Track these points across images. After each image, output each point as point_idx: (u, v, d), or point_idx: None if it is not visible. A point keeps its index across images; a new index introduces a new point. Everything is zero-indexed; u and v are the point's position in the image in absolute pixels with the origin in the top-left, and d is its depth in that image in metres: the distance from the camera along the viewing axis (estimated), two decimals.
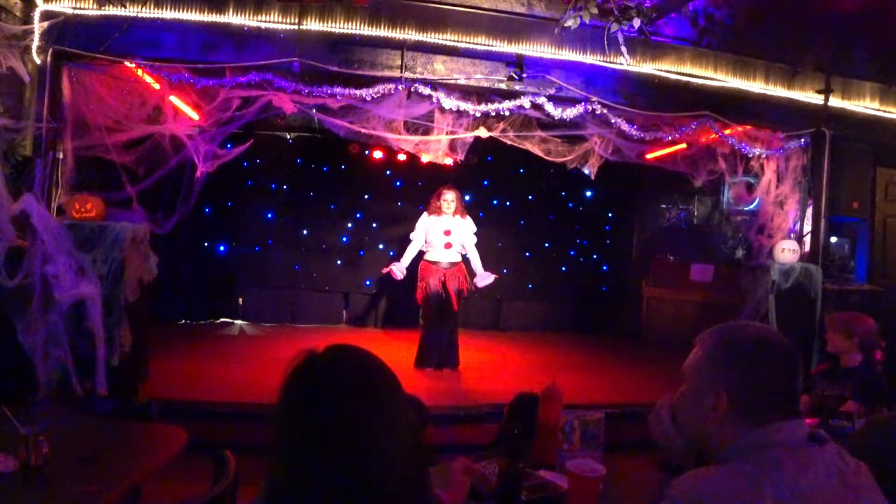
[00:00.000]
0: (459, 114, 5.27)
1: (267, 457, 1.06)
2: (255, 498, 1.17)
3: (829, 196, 5.99)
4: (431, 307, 5.99)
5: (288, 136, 7.96)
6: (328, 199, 8.38)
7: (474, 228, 6.22)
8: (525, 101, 5.20)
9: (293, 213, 8.41)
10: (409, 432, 1.06)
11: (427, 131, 5.59)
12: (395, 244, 8.54)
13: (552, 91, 5.28)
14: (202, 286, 8.10)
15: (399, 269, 6.10)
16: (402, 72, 5.01)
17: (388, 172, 8.38)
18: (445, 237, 5.98)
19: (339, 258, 8.54)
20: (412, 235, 6.19)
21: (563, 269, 9.20)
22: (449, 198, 5.99)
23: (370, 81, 4.95)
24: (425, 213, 6.13)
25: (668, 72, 5.41)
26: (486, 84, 5.21)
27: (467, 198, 8.80)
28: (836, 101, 5.86)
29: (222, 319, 8.22)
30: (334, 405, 1.02)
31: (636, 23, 4.63)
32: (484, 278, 6.17)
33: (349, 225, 8.57)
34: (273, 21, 4.76)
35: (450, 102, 5.10)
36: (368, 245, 8.59)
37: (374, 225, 8.61)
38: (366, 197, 8.55)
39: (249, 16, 4.74)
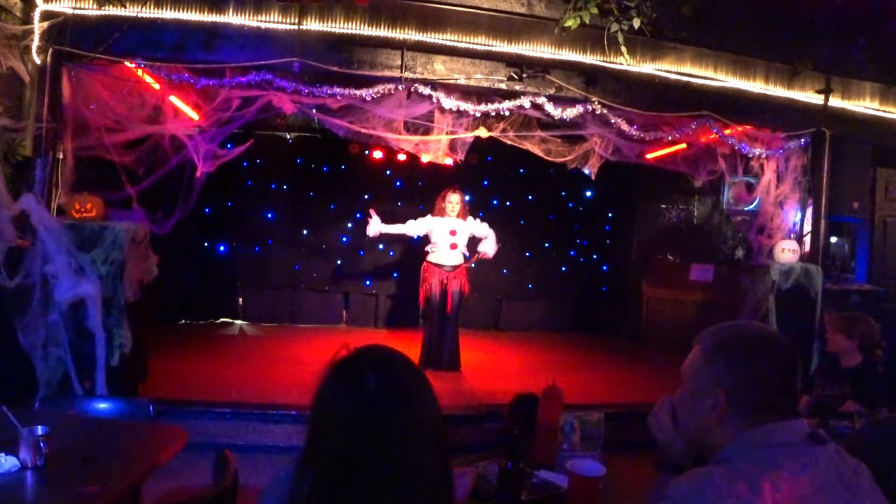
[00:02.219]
0: (459, 114, 5.27)
1: (305, 450, 1.07)
2: (267, 494, 1.17)
3: (829, 196, 5.99)
4: (433, 309, 6.00)
5: (288, 136, 7.96)
6: (328, 199, 8.39)
7: (478, 223, 6.23)
8: (525, 101, 5.20)
9: (293, 213, 8.41)
10: (441, 427, 1.10)
11: (427, 131, 5.59)
12: (395, 244, 8.55)
13: (552, 91, 5.28)
14: (202, 286, 8.10)
15: (376, 224, 6.07)
16: (402, 72, 5.01)
17: (388, 172, 8.39)
18: (451, 237, 6.01)
19: (339, 258, 8.55)
20: (410, 221, 6.18)
21: (563, 268, 9.21)
22: (454, 199, 6.04)
23: (370, 81, 4.95)
24: (429, 216, 6.15)
25: (668, 72, 5.40)
26: (486, 84, 5.20)
27: (467, 198, 8.83)
28: (836, 101, 5.86)
29: (222, 319, 8.22)
30: (384, 397, 1.04)
31: (636, 23, 4.63)
32: (490, 248, 6.18)
33: (349, 225, 8.57)
34: (273, 21, 4.76)
35: (450, 102, 5.10)
36: (368, 245, 8.58)
37: None
38: (366, 197, 8.55)
39: (249, 16, 4.74)
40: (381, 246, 8.60)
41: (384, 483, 1.00)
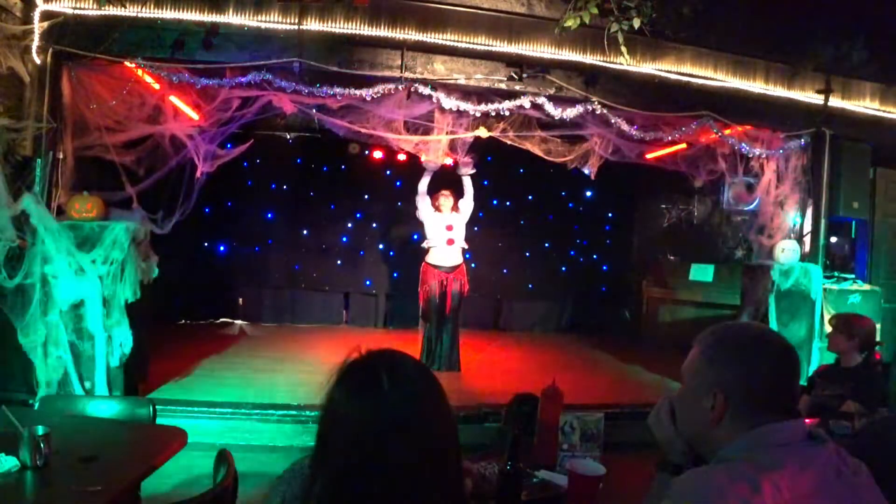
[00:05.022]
0: (459, 114, 5.26)
1: (312, 448, 1.07)
2: (273, 493, 1.17)
3: (829, 196, 5.99)
4: (433, 310, 6.02)
5: (288, 136, 7.96)
6: (328, 199, 8.39)
7: (465, 195, 6.27)
8: (525, 101, 5.19)
9: (293, 213, 8.41)
10: (454, 429, 1.10)
11: (427, 131, 5.59)
12: (395, 244, 8.55)
13: (552, 91, 5.28)
14: (202, 286, 8.10)
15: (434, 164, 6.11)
16: (402, 72, 5.01)
17: (388, 172, 8.39)
18: (448, 232, 6.05)
19: (339, 258, 8.55)
20: (424, 201, 6.24)
21: (563, 268, 9.21)
22: (445, 193, 6.19)
23: (370, 81, 4.95)
24: (431, 206, 6.22)
25: (668, 72, 5.40)
26: (486, 84, 5.20)
27: None
28: (836, 101, 5.85)
29: (222, 319, 8.22)
30: (398, 402, 1.04)
31: (636, 23, 4.62)
32: (466, 164, 6.17)
33: (349, 225, 8.57)
34: (273, 21, 4.75)
35: (450, 102, 5.10)
36: (368, 245, 8.59)
37: (374, 225, 8.62)
38: (366, 197, 8.56)
39: (249, 16, 4.73)
40: (381, 246, 8.61)
41: (397, 486, 1.00)
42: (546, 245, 9.12)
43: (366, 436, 1.01)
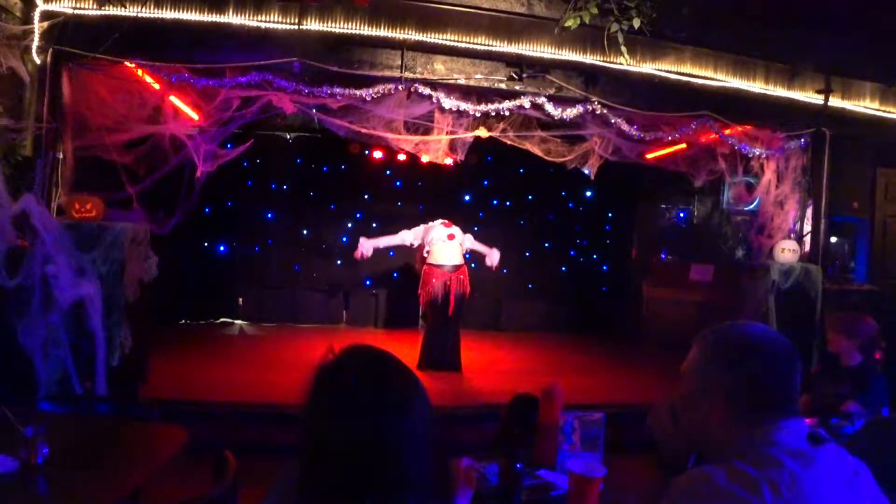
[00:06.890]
0: (459, 114, 5.27)
1: (296, 455, 1.05)
2: (272, 493, 1.16)
3: (829, 196, 5.99)
4: (434, 310, 6.00)
5: (288, 136, 7.96)
6: (328, 199, 8.40)
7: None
8: (525, 101, 5.20)
9: (293, 213, 8.42)
10: (436, 427, 1.08)
11: (427, 131, 5.59)
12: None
13: (552, 91, 5.28)
14: (202, 286, 8.10)
15: (366, 247, 6.16)
16: (402, 72, 5.01)
17: (388, 172, 8.39)
18: (447, 229, 6.06)
19: (339, 258, 8.55)
20: (403, 231, 6.27)
21: (563, 268, 9.21)
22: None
23: (370, 81, 4.96)
24: (422, 225, 6.23)
25: (668, 72, 5.40)
26: (486, 84, 5.21)
27: (467, 198, 8.80)
28: (836, 101, 5.85)
29: (222, 319, 8.22)
30: (374, 405, 1.02)
31: (636, 23, 4.63)
32: (494, 256, 6.25)
33: (349, 225, 8.57)
34: (273, 21, 4.76)
35: (450, 102, 5.10)
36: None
37: (374, 225, 8.59)
38: (366, 197, 8.56)
39: (249, 16, 4.74)
40: (381, 246, 8.60)
41: (384, 490, 0.99)
42: (546, 245, 9.12)
43: (346, 443, 0.99)
